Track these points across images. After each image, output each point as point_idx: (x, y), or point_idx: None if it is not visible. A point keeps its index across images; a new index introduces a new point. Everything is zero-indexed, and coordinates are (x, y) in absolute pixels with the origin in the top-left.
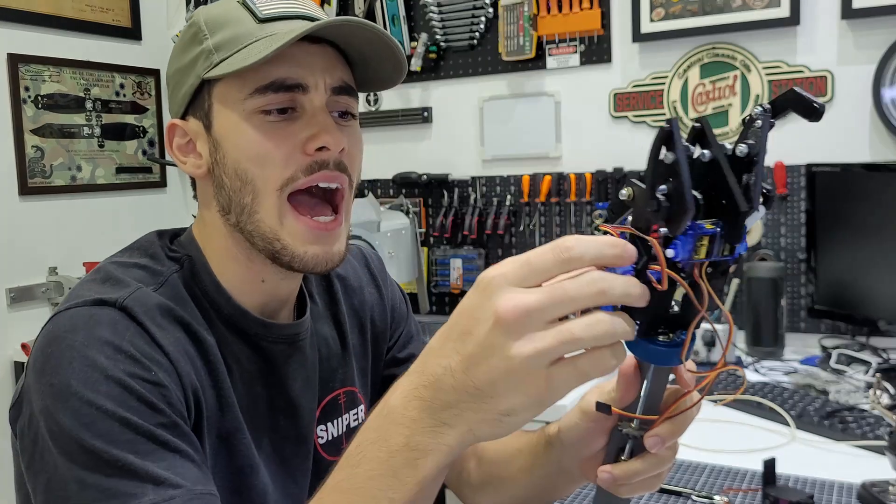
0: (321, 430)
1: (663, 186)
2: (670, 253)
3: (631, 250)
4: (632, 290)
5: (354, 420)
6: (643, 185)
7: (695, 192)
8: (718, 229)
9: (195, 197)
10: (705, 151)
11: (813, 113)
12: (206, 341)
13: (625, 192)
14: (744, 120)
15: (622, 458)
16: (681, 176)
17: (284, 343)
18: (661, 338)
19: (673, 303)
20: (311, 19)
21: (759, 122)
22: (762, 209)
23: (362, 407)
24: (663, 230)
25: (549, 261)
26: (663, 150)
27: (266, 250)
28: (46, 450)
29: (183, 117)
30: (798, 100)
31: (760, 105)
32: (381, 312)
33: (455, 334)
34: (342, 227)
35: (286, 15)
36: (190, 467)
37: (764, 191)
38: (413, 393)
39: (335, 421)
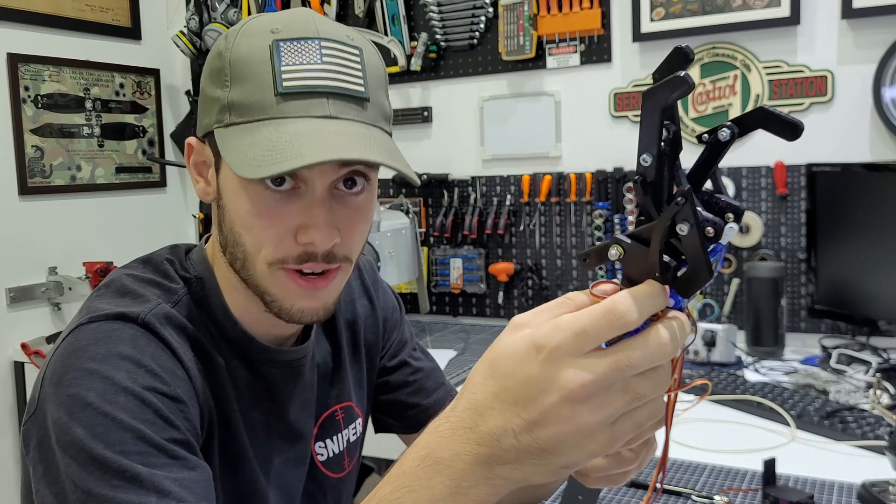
0: (319, 446)
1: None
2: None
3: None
4: (678, 342)
5: (353, 435)
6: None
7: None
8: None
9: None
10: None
11: (793, 130)
12: (217, 363)
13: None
14: (703, 137)
15: None
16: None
17: (287, 368)
18: None
19: None
20: (339, 94)
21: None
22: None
23: (360, 420)
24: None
25: (604, 329)
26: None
27: (259, 297)
28: (56, 461)
29: (200, 139)
30: (769, 118)
31: (727, 126)
32: (373, 324)
33: (511, 398)
34: (332, 285)
35: (308, 89)
36: (198, 483)
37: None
38: (465, 448)
39: (335, 437)
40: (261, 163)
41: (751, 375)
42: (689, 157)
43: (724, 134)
